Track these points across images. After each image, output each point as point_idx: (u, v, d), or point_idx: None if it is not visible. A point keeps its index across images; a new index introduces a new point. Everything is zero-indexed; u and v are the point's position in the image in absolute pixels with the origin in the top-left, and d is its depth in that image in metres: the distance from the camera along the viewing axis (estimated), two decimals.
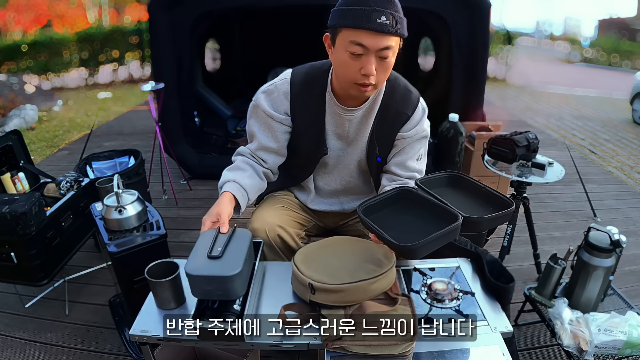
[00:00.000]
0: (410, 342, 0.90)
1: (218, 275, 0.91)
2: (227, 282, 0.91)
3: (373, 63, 1.01)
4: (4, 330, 1.74)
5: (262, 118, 1.21)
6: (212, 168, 3.29)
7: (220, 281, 0.91)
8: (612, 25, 21.81)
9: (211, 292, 0.93)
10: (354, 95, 1.12)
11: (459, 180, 1.18)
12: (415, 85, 1.28)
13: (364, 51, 1.00)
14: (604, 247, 1.37)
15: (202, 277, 0.91)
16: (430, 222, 1.01)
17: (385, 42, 0.99)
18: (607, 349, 1.26)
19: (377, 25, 0.96)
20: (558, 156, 2.78)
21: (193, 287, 0.94)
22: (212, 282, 0.91)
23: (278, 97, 1.20)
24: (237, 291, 0.94)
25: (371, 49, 0.99)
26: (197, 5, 2.90)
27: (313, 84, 1.19)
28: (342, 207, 1.41)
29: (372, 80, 1.04)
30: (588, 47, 16.54)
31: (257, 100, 1.21)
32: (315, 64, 1.22)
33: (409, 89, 1.23)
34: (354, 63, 1.02)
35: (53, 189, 1.95)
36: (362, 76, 1.03)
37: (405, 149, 1.24)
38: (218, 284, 0.91)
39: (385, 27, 0.97)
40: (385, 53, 1.01)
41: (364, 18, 0.96)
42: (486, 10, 2.91)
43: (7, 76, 6.88)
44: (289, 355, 1.56)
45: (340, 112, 1.20)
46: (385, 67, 1.05)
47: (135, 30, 8.64)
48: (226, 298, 0.94)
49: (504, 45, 8.99)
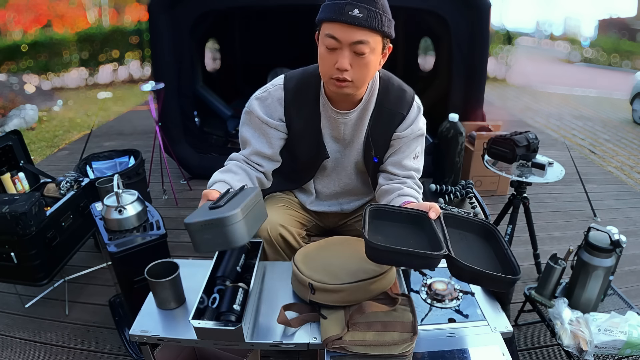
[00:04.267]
0: (410, 342, 0.90)
1: (214, 218, 0.86)
2: (224, 226, 0.86)
3: (347, 57, 1.00)
4: (4, 330, 1.74)
5: (256, 124, 1.21)
6: (212, 168, 3.23)
7: (217, 225, 0.86)
8: (612, 25, 21.83)
9: (211, 241, 0.88)
10: (333, 92, 1.10)
11: (488, 233, 1.05)
12: (415, 85, 1.28)
13: (338, 45, 1.00)
14: (604, 247, 1.37)
15: (199, 224, 0.86)
16: (416, 241, 0.98)
17: (358, 35, 0.98)
18: (607, 349, 1.26)
19: (348, 17, 0.96)
20: (558, 156, 2.78)
21: (193, 240, 0.89)
22: (209, 228, 0.86)
23: (272, 103, 1.19)
24: (237, 237, 0.87)
25: (343, 42, 0.99)
26: (197, 5, 2.90)
27: (306, 88, 1.18)
28: (342, 207, 1.41)
29: (348, 76, 1.03)
30: (588, 47, 16.56)
31: (251, 107, 1.20)
32: (307, 68, 1.22)
33: (403, 88, 1.22)
34: (329, 57, 1.02)
35: (53, 189, 1.95)
36: (336, 70, 1.02)
37: (402, 148, 1.24)
38: (215, 229, 0.86)
39: (357, 20, 0.96)
40: (360, 48, 0.99)
41: (337, 11, 0.97)
42: (486, 10, 2.90)
43: (7, 76, 6.88)
44: (289, 355, 1.56)
45: (334, 115, 1.19)
46: (363, 64, 1.03)
47: (135, 30, 8.65)
48: (227, 246, 0.89)
49: (504, 45, 9.00)
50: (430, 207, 1.01)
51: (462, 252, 0.93)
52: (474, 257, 0.96)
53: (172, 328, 1.00)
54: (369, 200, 1.42)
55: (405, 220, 1.04)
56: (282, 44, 4.79)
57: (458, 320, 1.04)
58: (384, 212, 1.04)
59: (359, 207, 1.43)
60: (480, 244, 1.03)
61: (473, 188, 2.01)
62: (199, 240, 0.89)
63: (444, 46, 3.36)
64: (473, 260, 0.91)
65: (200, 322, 0.90)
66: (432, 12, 2.98)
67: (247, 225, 0.91)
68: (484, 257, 0.99)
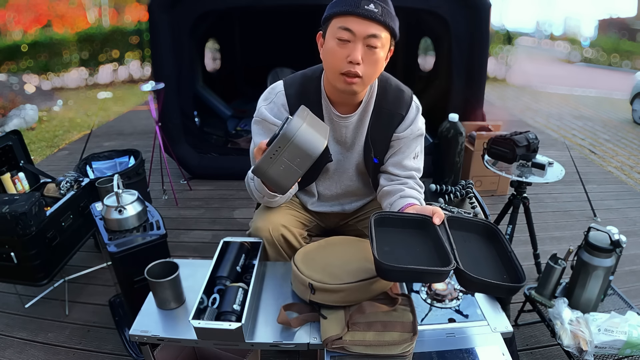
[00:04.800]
0: (410, 342, 0.90)
1: (278, 139, 0.83)
2: (291, 137, 0.84)
3: (360, 50, 1.01)
4: (4, 330, 1.74)
5: (270, 129, 1.19)
6: (212, 168, 3.30)
7: (285, 141, 0.84)
8: (612, 25, 21.82)
9: (289, 168, 0.85)
10: (341, 90, 1.10)
11: (491, 233, 1.05)
12: (415, 85, 1.28)
13: (352, 37, 1.01)
14: (604, 247, 1.37)
15: (267, 157, 0.84)
16: (423, 250, 0.97)
17: (373, 29, 1.00)
18: (607, 349, 1.26)
19: (365, 11, 0.98)
20: (558, 156, 2.78)
21: (272, 180, 0.86)
22: (279, 154, 0.84)
23: (278, 109, 1.19)
24: (311, 143, 0.85)
25: (358, 34, 1.00)
26: (197, 5, 2.90)
27: (308, 92, 1.18)
28: (343, 208, 1.41)
29: (359, 70, 1.03)
30: (588, 47, 16.55)
31: (261, 114, 1.19)
32: (306, 72, 1.22)
33: (401, 89, 1.22)
34: (341, 50, 1.03)
35: (53, 189, 1.95)
36: (348, 64, 1.02)
37: (402, 148, 1.24)
38: (286, 149, 0.84)
39: (374, 14, 0.98)
40: (373, 42, 1.01)
41: (353, 4, 0.99)
42: (486, 10, 2.90)
43: (7, 76, 6.88)
44: (289, 355, 1.56)
45: (336, 119, 1.20)
46: (374, 60, 1.04)
47: (135, 30, 8.65)
48: (308, 160, 0.87)
49: (504, 45, 8.99)
50: (434, 211, 1.01)
51: (468, 258, 0.93)
52: (480, 263, 0.96)
53: (172, 328, 1.00)
54: (371, 201, 1.42)
55: (410, 225, 1.04)
56: (283, 44, 4.79)
57: (458, 320, 1.04)
58: (388, 219, 1.04)
59: (360, 207, 1.43)
60: (484, 246, 1.03)
61: (473, 188, 2.01)
62: (277, 176, 0.85)
63: (444, 46, 3.35)
64: (479, 267, 0.92)
65: (200, 322, 0.90)
66: (432, 12, 2.98)
67: (314, 128, 0.87)
68: (489, 261, 0.98)
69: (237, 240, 1.20)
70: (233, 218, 2.75)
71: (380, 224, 1.01)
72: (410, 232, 1.03)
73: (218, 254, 1.13)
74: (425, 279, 0.97)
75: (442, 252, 0.92)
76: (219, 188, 3.15)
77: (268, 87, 1.25)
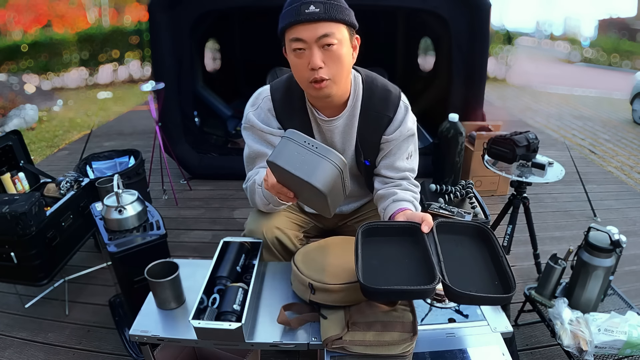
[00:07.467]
0: (410, 342, 0.90)
1: (336, 164, 0.88)
2: (344, 166, 0.90)
3: (317, 55, 1.00)
4: (4, 330, 1.74)
5: (260, 136, 1.20)
6: (212, 168, 3.30)
7: (343, 169, 0.91)
8: (612, 25, 21.82)
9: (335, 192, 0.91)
10: (315, 96, 1.09)
11: (483, 235, 1.03)
12: (415, 85, 1.27)
13: (304, 45, 1.00)
14: (604, 247, 1.37)
15: (330, 181, 0.87)
16: (411, 262, 0.95)
17: (321, 29, 0.98)
18: (607, 349, 1.26)
19: (306, 15, 0.97)
20: (558, 156, 2.78)
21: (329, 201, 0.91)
22: (337, 182, 0.90)
23: (265, 115, 1.19)
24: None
25: (309, 40, 0.99)
26: (197, 5, 2.90)
27: (292, 97, 1.18)
28: (340, 209, 1.41)
29: (324, 74, 1.02)
30: (588, 47, 16.54)
31: (249, 121, 1.19)
32: (291, 76, 1.19)
33: (388, 89, 1.19)
34: (301, 61, 1.02)
35: (53, 189, 1.95)
36: (310, 72, 1.02)
37: (393, 150, 1.21)
38: (341, 175, 0.91)
39: (316, 15, 0.97)
40: (326, 40, 0.99)
41: (294, 13, 0.98)
42: (486, 10, 2.90)
43: (7, 76, 6.88)
44: (289, 355, 1.56)
45: (322, 123, 1.19)
46: (335, 57, 1.02)
47: (135, 30, 8.66)
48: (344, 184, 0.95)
49: (504, 45, 8.99)
50: (423, 218, 0.99)
51: (457, 266, 0.92)
52: (470, 270, 0.94)
53: (172, 328, 1.00)
54: (368, 201, 1.42)
55: (398, 233, 1.02)
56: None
57: (458, 320, 1.04)
58: (376, 229, 1.02)
59: (358, 208, 1.43)
60: (476, 249, 1.01)
61: (473, 188, 2.01)
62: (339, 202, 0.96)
63: (444, 46, 3.36)
64: (468, 275, 0.91)
65: (200, 322, 0.90)
66: (432, 12, 2.98)
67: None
68: (481, 266, 0.96)
69: (237, 240, 1.20)
70: (233, 218, 2.75)
71: (368, 235, 1.00)
72: (400, 242, 1.00)
73: (218, 254, 1.13)
74: (411, 297, 0.96)
75: (429, 265, 0.90)
76: (219, 188, 3.15)
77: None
